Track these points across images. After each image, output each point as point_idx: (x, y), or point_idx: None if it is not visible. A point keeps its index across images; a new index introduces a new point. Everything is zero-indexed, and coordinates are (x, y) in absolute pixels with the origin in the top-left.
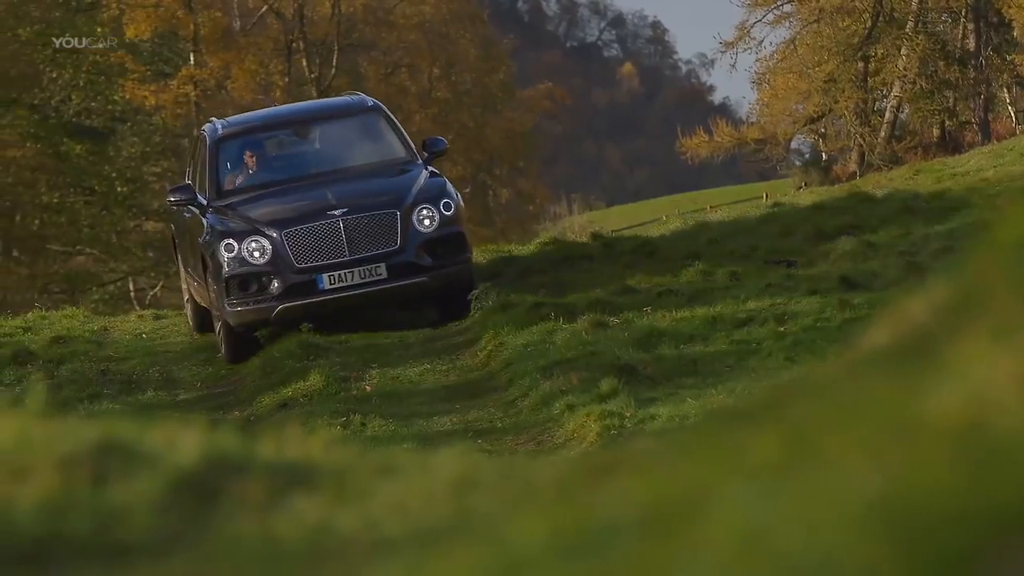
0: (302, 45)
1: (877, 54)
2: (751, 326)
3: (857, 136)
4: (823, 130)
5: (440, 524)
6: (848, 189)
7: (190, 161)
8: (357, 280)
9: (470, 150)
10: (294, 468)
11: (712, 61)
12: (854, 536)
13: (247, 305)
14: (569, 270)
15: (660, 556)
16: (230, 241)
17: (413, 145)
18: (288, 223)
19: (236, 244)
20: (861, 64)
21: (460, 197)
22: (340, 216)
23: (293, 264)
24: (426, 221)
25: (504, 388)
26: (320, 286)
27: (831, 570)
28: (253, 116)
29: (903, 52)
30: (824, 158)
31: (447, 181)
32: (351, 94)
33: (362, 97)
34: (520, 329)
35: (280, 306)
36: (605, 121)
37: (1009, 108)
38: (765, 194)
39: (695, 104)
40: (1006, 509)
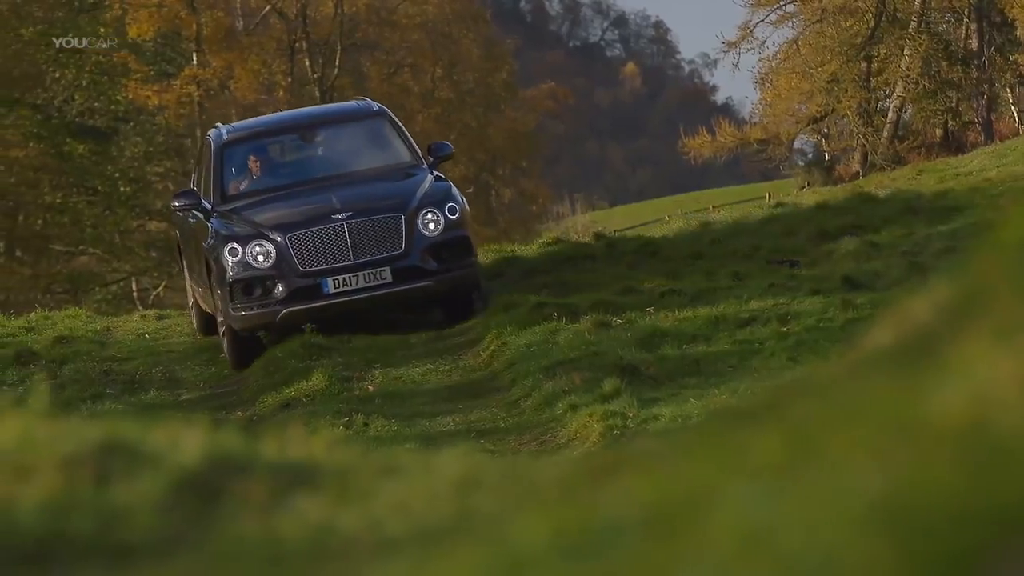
0: (305, 45)
1: (880, 54)
2: (754, 326)
3: (860, 136)
4: (826, 130)
5: (443, 524)
6: (851, 189)
7: (195, 167)
8: (362, 284)
9: (473, 150)
10: (297, 468)
11: (715, 61)
12: (856, 536)
13: (251, 309)
14: (572, 270)
15: (663, 556)
16: (234, 245)
17: (418, 149)
18: (292, 227)
19: (240, 248)
20: (864, 64)
21: (465, 201)
22: (344, 220)
23: (297, 268)
24: (431, 225)
25: (507, 388)
26: (325, 290)
27: (833, 570)
28: (258, 121)
29: (906, 52)
30: (827, 158)
31: (452, 185)
32: (357, 99)
33: (367, 102)
34: (523, 329)
35: (284, 310)
36: (608, 121)
37: (1012, 108)
38: (768, 194)
39: (698, 104)
40: (1009, 509)
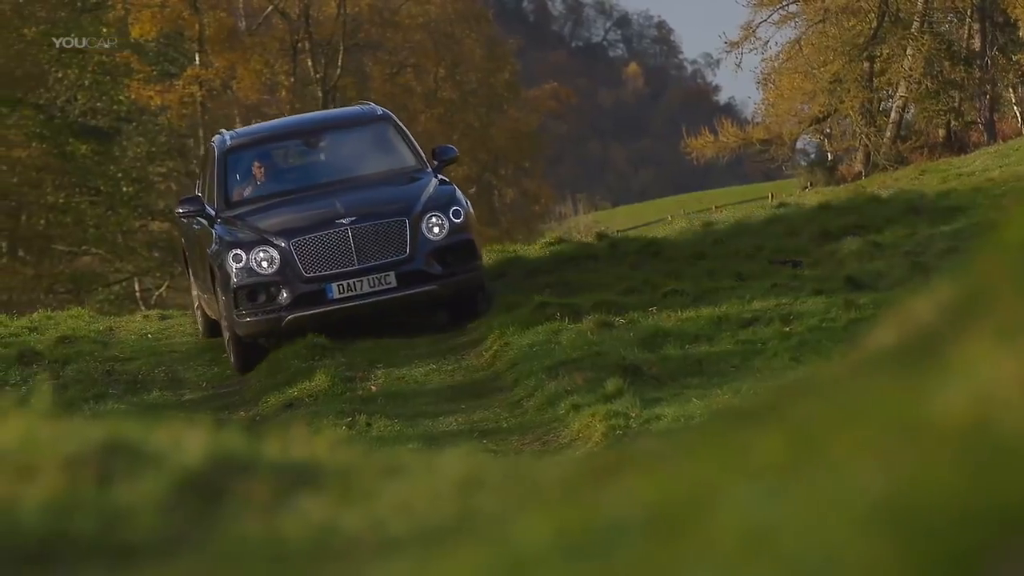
0: (308, 45)
1: (883, 54)
2: (756, 326)
3: (862, 136)
4: (828, 130)
5: (445, 524)
6: (853, 189)
7: (199, 172)
8: (366, 289)
9: (475, 150)
10: (299, 468)
11: (718, 61)
12: (859, 536)
13: (256, 316)
14: (574, 270)
15: (666, 556)
16: (238, 251)
17: (423, 153)
18: (296, 232)
19: (244, 254)
20: (867, 64)
21: (470, 205)
22: (349, 225)
23: (302, 273)
24: (435, 229)
25: (509, 388)
26: (329, 295)
27: (836, 570)
28: (262, 127)
29: (909, 52)
30: (829, 158)
31: (456, 189)
32: (361, 103)
33: (371, 106)
34: (525, 329)
35: (289, 316)
36: (610, 121)
37: (1015, 108)
38: (770, 194)
39: (700, 104)
40: (1011, 509)
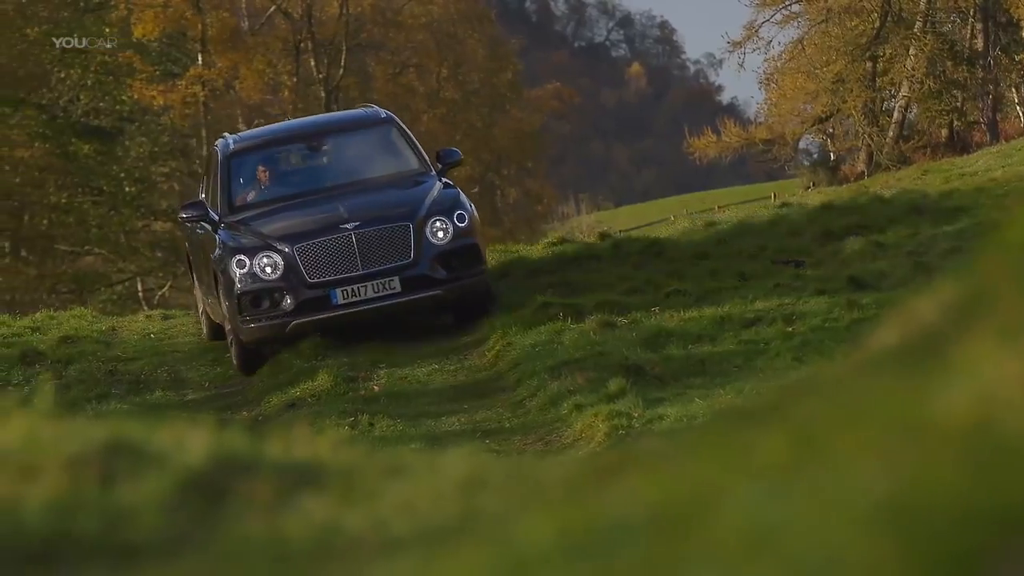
0: (310, 45)
1: (885, 54)
2: (759, 326)
3: (865, 136)
4: (831, 130)
5: (448, 524)
6: (856, 189)
7: (203, 176)
8: (371, 294)
9: (478, 150)
10: (302, 468)
11: (720, 61)
12: (861, 536)
13: (260, 322)
14: (577, 270)
15: (668, 556)
16: (242, 257)
17: (426, 156)
18: (300, 238)
19: (248, 260)
20: (869, 64)
21: (474, 208)
22: (352, 230)
23: (306, 279)
24: (439, 233)
25: (512, 388)
26: (334, 301)
27: (838, 570)
28: (265, 131)
29: (911, 52)
30: (832, 158)
31: (460, 192)
32: (364, 106)
33: (375, 109)
34: (528, 329)
35: (293, 322)
36: (613, 121)
37: (1017, 108)
38: (773, 194)
39: (703, 104)
40: (1013, 509)
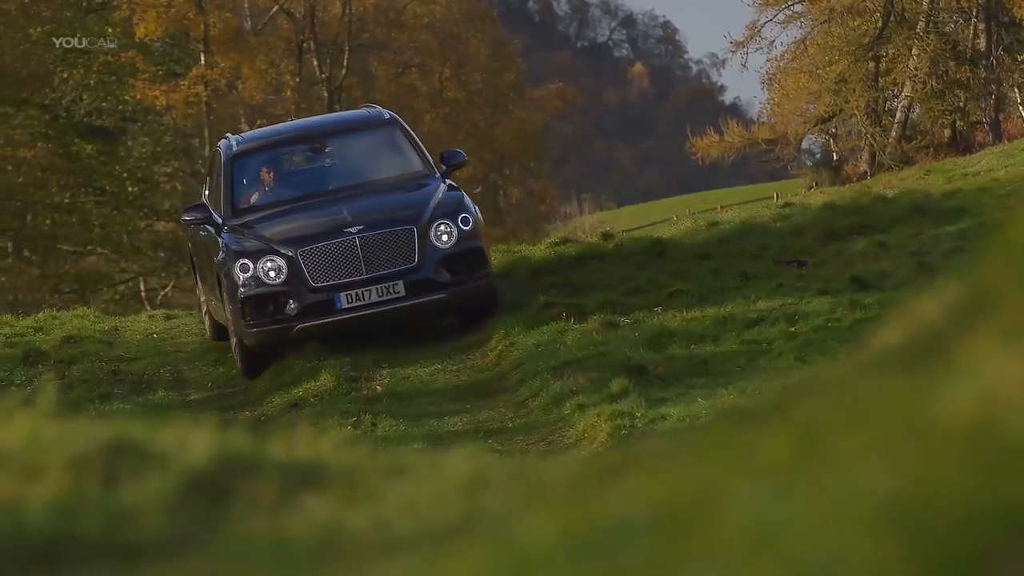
0: (313, 45)
1: (888, 54)
2: (762, 326)
3: (868, 136)
4: (834, 130)
5: (451, 524)
6: (859, 189)
7: (206, 177)
8: (375, 298)
9: (481, 150)
10: (305, 468)
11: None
12: (865, 536)
13: (264, 326)
14: (580, 270)
15: (671, 556)
16: (245, 261)
17: (430, 158)
18: (304, 241)
19: (251, 264)
20: (872, 64)
21: (478, 211)
22: (356, 234)
23: (310, 283)
24: (444, 237)
25: (515, 388)
26: (338, 305)
27: (841, 570)
28: (268, 132)
29: (914, 52)
30: (835, 158)
31: (465, 195)
32: (367, 106)
33: (378, 110)
34: (531, 329)
35: (298, 326)
36: (616, 121)
37: (1020, 108)
38: (776, 194)
39: (706, 104)
40: (1017, 510)
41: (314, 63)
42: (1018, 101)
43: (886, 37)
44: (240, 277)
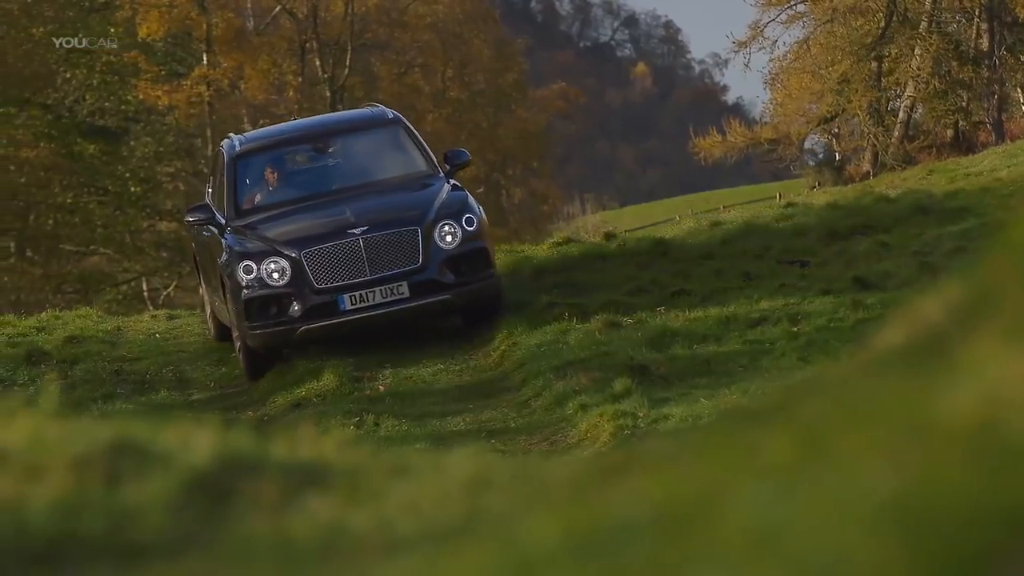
0: (315, 45)
1: (891, 54)
2: (764, 326)
3: (870, 136)
4: (836, 130)
5: (453, 524)
6: (861, 189)
7: (209, 177)
8: (379, 300)
9: (483, 150)
10: (307, 468)
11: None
12: (867, 536)
13: (267, 328)
14: (582, 270)
15: (674, 556)
16: (248, 263)
17: (434, 157)
18: (307, 243)
19: (255, 265)
20: (875, 64)
21: (483, 211)
22: (360, 235)
23: (313, 285)
24: (448, 237)
25: (517, 388)
26: (341, 307)
27: (844, 570)
28: (271, 131)
29: (917, 52)
30: (837, 158)
31: (469, 195)
32: (371, 106)
33: (382, 109)
34: (533, 329)
35: (301, 328)
36: (618, 121)
37: (1023, 108)
38: (778, 194)
39: (708, 104)
40: (1020, 510)
41: (317, 63)
42: (1021, 101)
43: (889, 37)
44: (243, 278)
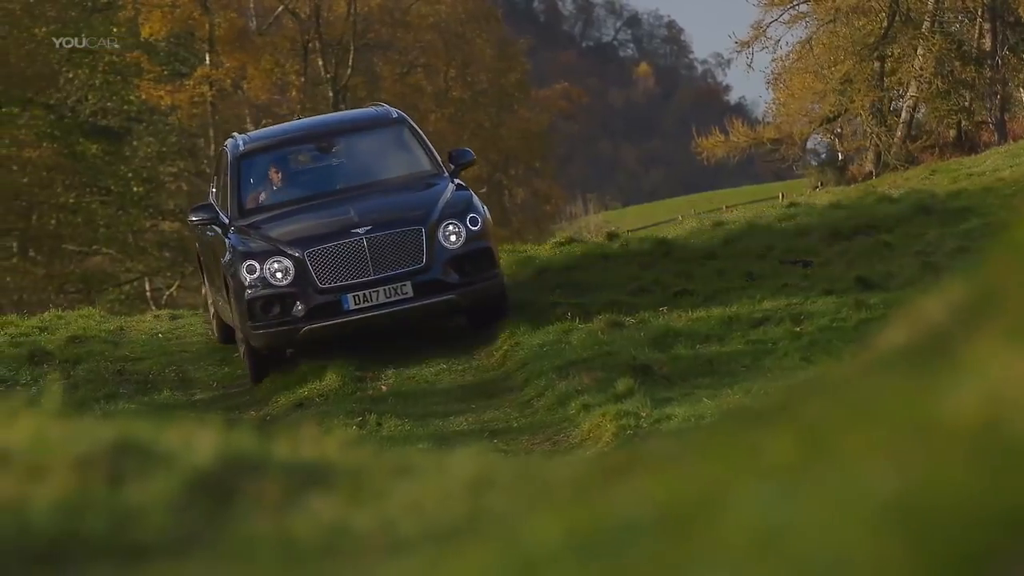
0: (318, 45)
1: (893, 54)
2: (767, 326)
3: (873, 136)
4: (839, 130)
5: (456, 524)
6: (864, 189)
7: (213, 176)
8: (383, 300)
9: (486, 150)
10: (310, 468)
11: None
12: (870, 536)
13: (270, 328)
14: (585, 270)
15: (676, 556)
16: (252, 262)
17: (439, 157)
18: (311, 242)
19: (258, 265)
20: (877, 64)
21: (487, 210)
22: (364, 234)
23: (317, 284)
24: (452, 237)
25: (520, 388)
26: (345, 306)
27: (847, 570)
28: (275, 131)
29: (919, 52)
30: (840, 158)
31: (473, 195)
32: (375, 105)
33: (386, 108)
34: (536, 329)
35: (305, 328)
36: (621, 121)
37: None
38: (781, 194)
39: (711, 104)
40: (1022, 510)
41: (319, 63)
42: (1023, 101)
43: (891, 37)
44: (247, 278)
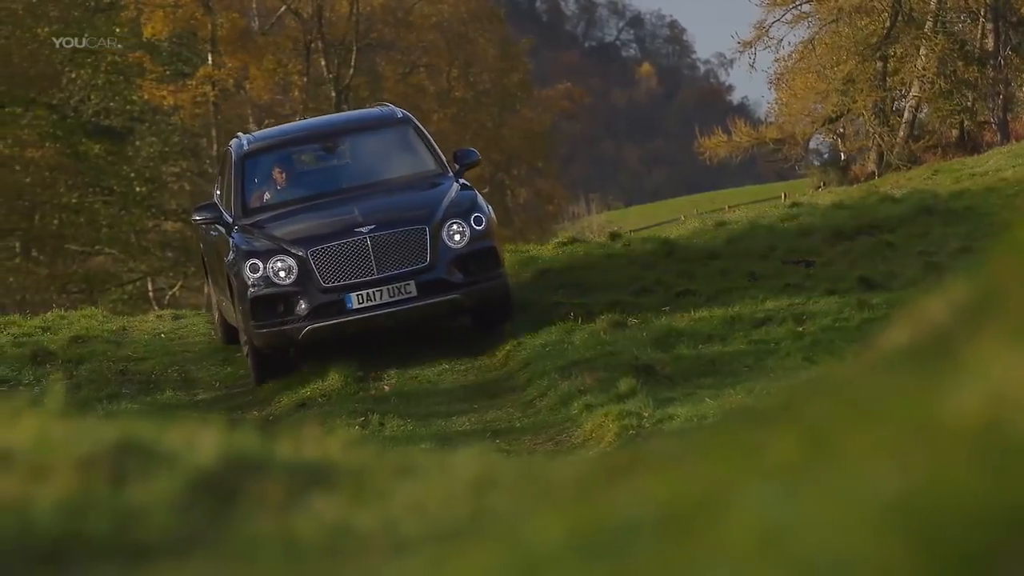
0: (320, 45)
1: (896, 54)
2: (769, 326)
3: (875, 136)
4: (842, 130)
5: (459, 524)
6: (866, 189)
7: (217, 176)
8: (386, 299)
9: (488, 150)
10: (313, 468)
11: (731, 61)
12: (872, 536)
13: (273, 327)
14: (587, 270)
15: (679, 556)
16: (255, 261)
17: (443, 156)
18: (314, 241)
19: (261, 264)
20: (880, 64)
21: (492, 210)
22: (368, 233)
23: (320, 283)
24: (456, 236)
25: (522, 388)
26: (348, 306)
27: (849, 570)
28: (279, 131)
29: (922, 52)
30: (843, 158)
31: (478, 194)
32: (380, 104)
33: (391, 108)
34: (538, 329)
35: (308, 327)
36: (623, 121)
37: None
38: (783, 194)
39: (714, 104)
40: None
41: (322, 63)
42: None
43: (894, 37)
44: (250, 277)
